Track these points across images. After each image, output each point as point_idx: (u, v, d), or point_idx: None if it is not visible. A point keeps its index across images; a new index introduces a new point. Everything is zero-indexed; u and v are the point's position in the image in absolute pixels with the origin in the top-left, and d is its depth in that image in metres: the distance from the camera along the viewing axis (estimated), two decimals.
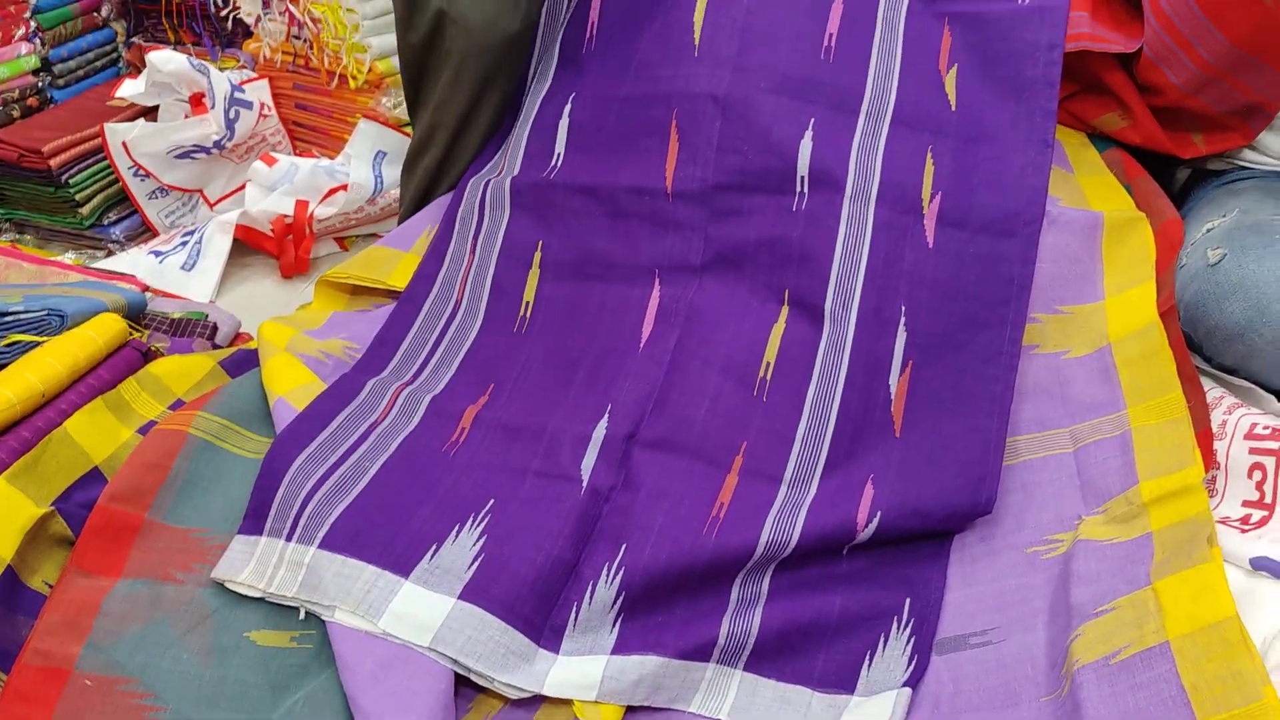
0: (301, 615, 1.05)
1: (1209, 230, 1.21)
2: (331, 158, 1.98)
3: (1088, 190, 1.35)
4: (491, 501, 1.15)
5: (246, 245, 1.90)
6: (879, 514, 1.09)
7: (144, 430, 1.23)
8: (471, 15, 1.43)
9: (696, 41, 1.36)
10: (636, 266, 1.32)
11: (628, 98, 1.39)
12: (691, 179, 1.31)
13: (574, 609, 1.06)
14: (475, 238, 1.42)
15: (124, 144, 1.91)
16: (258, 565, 1.08)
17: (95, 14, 2.28)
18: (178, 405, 1.28)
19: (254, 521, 1.12)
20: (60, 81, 2.21)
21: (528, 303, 1.36)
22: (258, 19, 2.03)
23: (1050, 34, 1.30)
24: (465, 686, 1.03)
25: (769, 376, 1.20)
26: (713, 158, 1.30)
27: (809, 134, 1.27)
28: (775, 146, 1.27)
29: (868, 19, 1.34)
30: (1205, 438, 1.09)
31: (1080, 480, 1.13)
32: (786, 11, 1.35)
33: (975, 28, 1.36)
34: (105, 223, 1.96)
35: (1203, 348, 1.19)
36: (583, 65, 1.47)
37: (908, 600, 1.09)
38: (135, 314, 1.43)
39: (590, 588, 1.07)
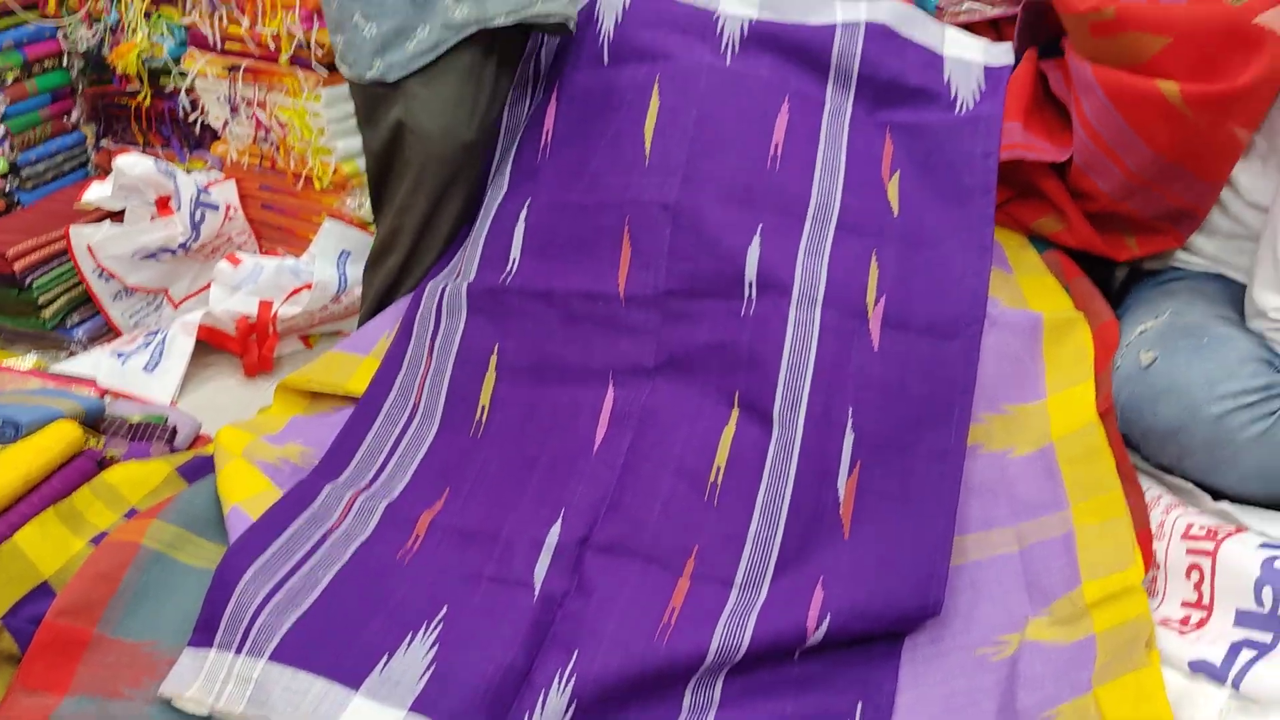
0: None
1: (1142, 332, 1.25)
2: (297, 257, 2.00)
3: (1027, 291, 1.39)
4: (445, 609, 1.15)
5: (210, 345, 1.91)
6: (829, 617, 1.10)
7: (96, 540, 1.23)
8: (428, 125, 1.47)
9: (647, 151, 1.40)
10: (590, 370, 1.34)
11: (582, 205, 1.43)
12: (644, 284, 1.34)
13: (526, 718, 1.06)
14: (433, 342, 1.45)
15: (89, 247, 1.93)
16: (206, 680, 1.07)
17: (65, 118, 2.31)
18: (132, 514, 1.28)
19: (204, 634, 1.12)
20: (28, 184, 2.24)
21: (484, 406, 1.38)
22: (225, 123, 2.07)
23: (985, 143, 1.36)
24: None
25: (720, 480, 1.22)
26: (664, 264, 1.33)
27: (756, 240, 1.31)
28: (724, 253, 1.31)
29: (812, 129, 1.40)
30: (1145, 537, 1.11)
31: (1026, 580, 1.15)
32: (734, 122, 1.40)
33: (915, 137, 1.42)
34: (68, 324, 1.97)
35: (1140, 447, 1.22)
36: (538, 172, 1.51)
37: (860, 703, 1.09)
38: (93, 420, 1.43)
39: (542, 696, 1.07)
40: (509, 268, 1.44)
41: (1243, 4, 1.26)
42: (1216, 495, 1.16)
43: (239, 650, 1.09)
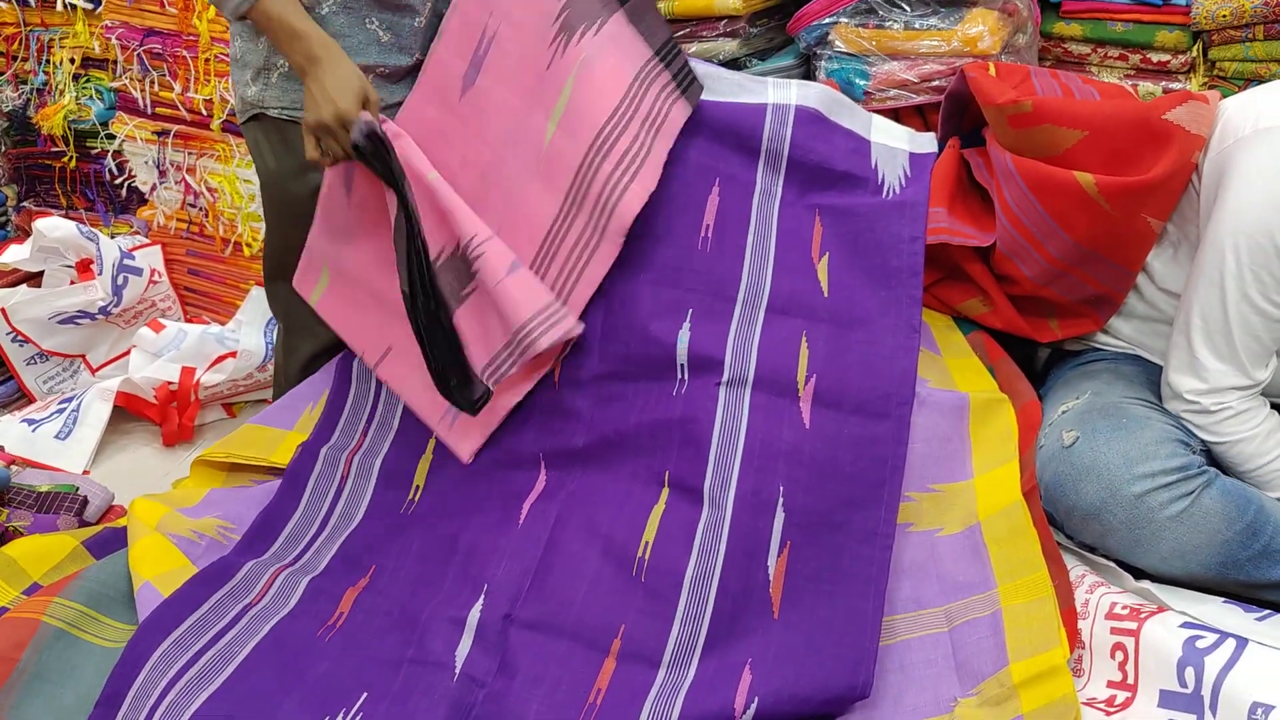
0: None
1: (1064, 412, 1.28)
2: (223, 324, 1.97)
3: (954, 372, 1.41)
4: (364, 695, 1.11)
5: (128, 413, 1.86)
6: (756, 700, 1.09)
7: None
8: (261, 165, 1.46)
9: None
10: (523, 453, 1.33)
11: None
12: (577, 367, 1.34)
13: None
14: (369, 420, 1.43)
15: (3, 310, 1.88)
16: None
17: None
18: (34, 590, 1.23)
19: (105, 710, 1.06)
20: None
21: (418, 487, 1.36)
22: (153, 187, 2.04)
23: (912, 227, 1.39)
24: None
25: (647, 556, 1.20)
26: (596, 347, 1.33)
27: (687, 323, 1.32)
28: (655, 337, 1.31)
29: (742, 211, 1.42)
30: (1070, 616, 1.12)
31: (955, 661, 1.14)
32: (664, 205, 1.41)
33: (844, 220, 1.45)
34: None
35: (1063, 525, 1.24)
36: None
37: None
38: None
39: None
40: None
41: (1151, 101, 1.32)
42: (1138, 575, 1.18)
43: None
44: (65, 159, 2.20)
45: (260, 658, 1.14)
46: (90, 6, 2.09)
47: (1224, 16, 1.58)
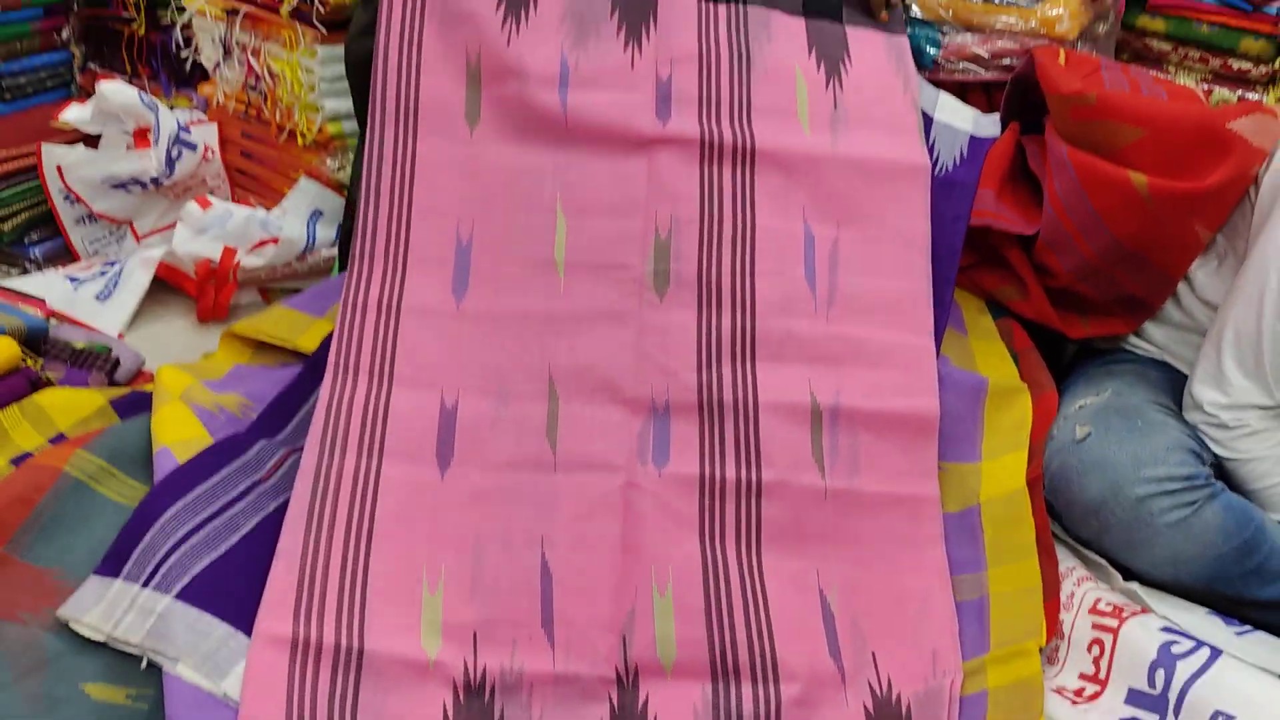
0: (144, 664, 1.04)
1: (1081, 407, 1.28)
2: (268, 209, 1.99)
3: (978, 354, 1.42)
4: None
5: (167, 284, 1.89)
6: None
7: (18, 461, 1.21)
8: None
9: None
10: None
11: None
12: None
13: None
14: None
15: (59, 167, 1.91)
16: (107, 607, 1.07)
17: (56, 34, 2.28)
18: (59, 439, 1.27)
19: (112, 564, 1.11)
20: (6, 95, 2.20)
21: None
22: (217, 64, 2.05)
23: (957, 207, 1.39)
24: None
25: None
26: None
27: None
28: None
29: None
30: (1052, 608, 1.14)
31: None
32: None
33: None
34: (26, 242, 1.94)
35: (1062, 518, 1.25)
36: None
37: None
38: (34, 340, 1.41)
39: None
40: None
41: (1219, 108, 1.30)
42: (1128, 575, 1.19)
43: (145, 584, 1.08)
44: (135, 25, 2.21)
45: (265, 531, 1.18)
46: None
47: None
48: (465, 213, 1.35)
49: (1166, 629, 1.07)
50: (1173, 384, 1.35)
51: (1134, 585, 1.17)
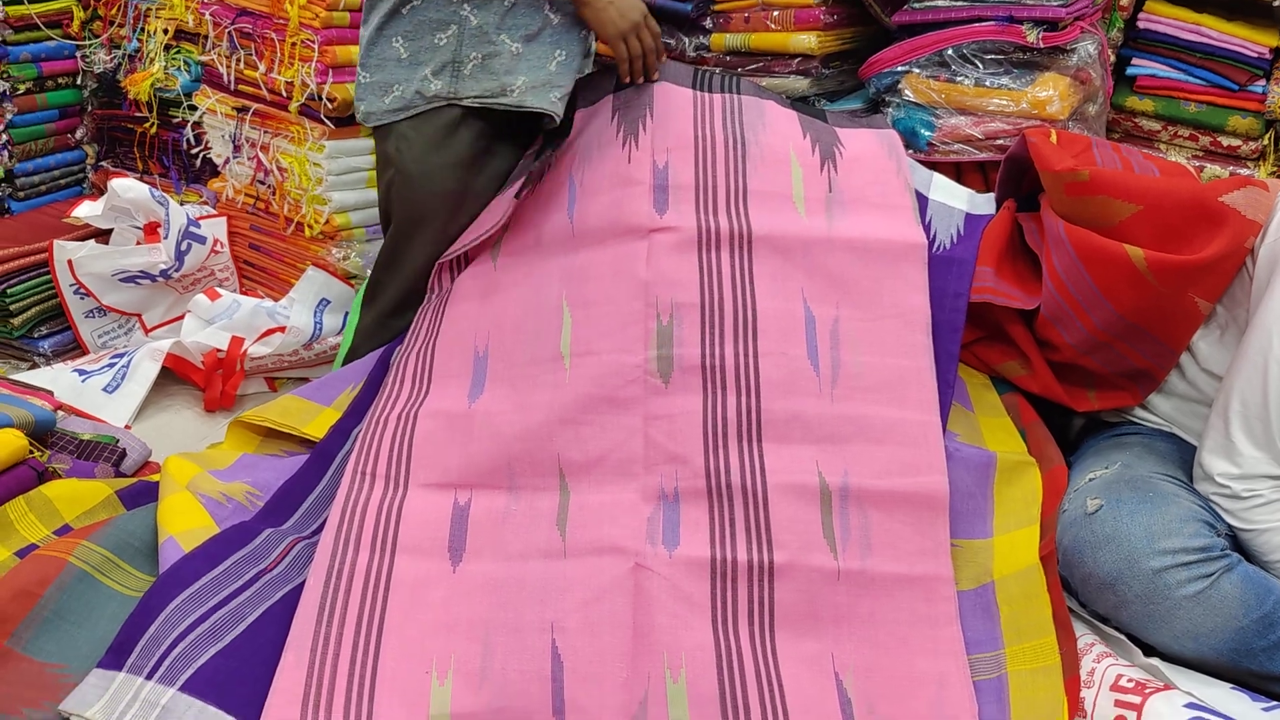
0: None
1: (1091, 480, 1.27)
2: (276, 300, 2.01)
3: (985, 430, 1.41)
4: None
5: (174, 375, 1.90)
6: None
7: (23, 553, 1.20)
8: (410, 166, 1.54)
9: None
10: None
11: None
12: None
13: None
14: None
15: (70, 261, 1.94)
16: (110, 701, 1.04)
17: (70, 135, 2.34)
18: (64, 531, 1.26)
19: (115, 656, 1.09)
20: (21, 194, 2.25)
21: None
22: (226, 160, 2.10)
23: (957, 284, 1.40)
24: None
25: None
26: None
27: None
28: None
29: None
30: (1073, 684, 1.11)
31: None
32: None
33: None
34: (36, 336, 1.96)
35: (1078, 592, 1.23)
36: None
37: None
38: (41, 432, 1.41)
39: None
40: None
41: (1211, 182, 1.32)
42: (1148, 651, 1.17)
43: (150, 676, 1.06)
44: (147, 124, 2.27)
45: (271, 622, 1.16)
46: None
47: None
48: (482, 328, 1.42)
49: (1191, 704, 1.04)
50: (1181, 455, 1.35)
51: (1155, 661, 1.15)
